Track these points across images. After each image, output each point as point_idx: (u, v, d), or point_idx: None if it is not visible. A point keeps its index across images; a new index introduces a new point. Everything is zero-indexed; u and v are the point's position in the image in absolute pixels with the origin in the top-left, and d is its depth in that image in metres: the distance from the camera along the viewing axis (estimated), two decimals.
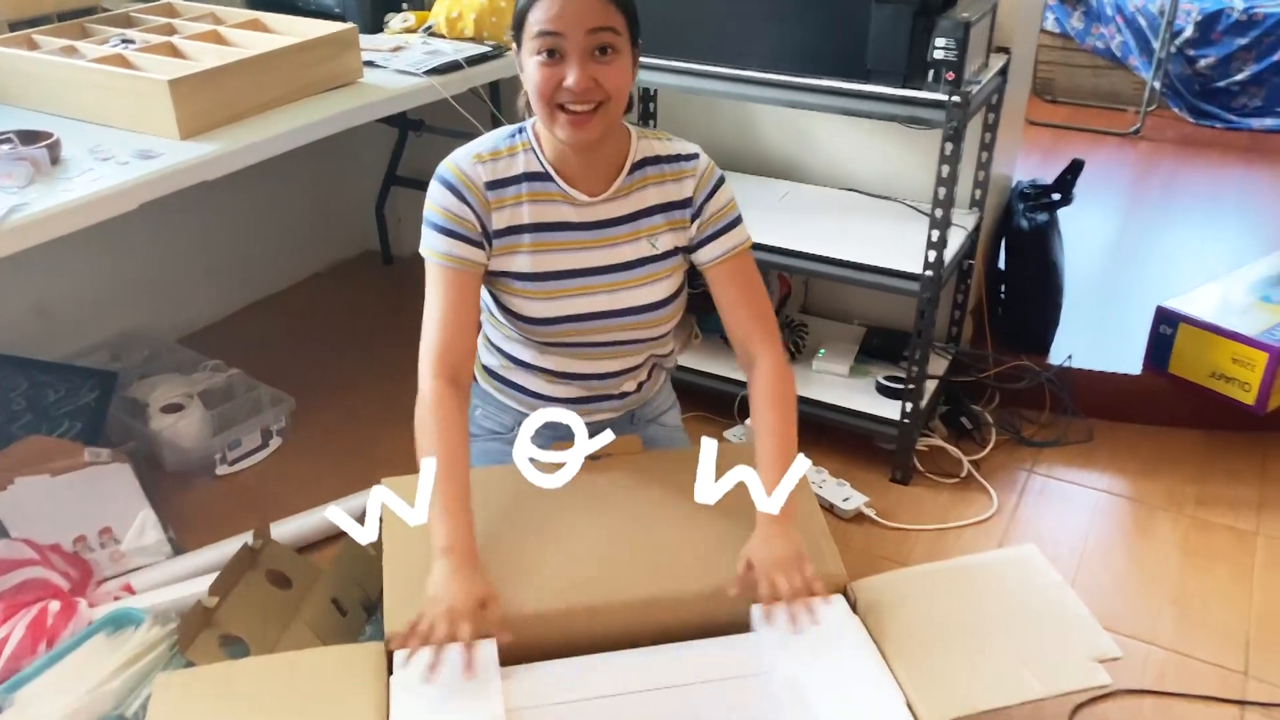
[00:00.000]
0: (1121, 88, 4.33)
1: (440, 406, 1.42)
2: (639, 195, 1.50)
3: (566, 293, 1.49)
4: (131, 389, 2.29)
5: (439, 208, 1.45)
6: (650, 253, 1.51)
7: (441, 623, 1.29)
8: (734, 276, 1.53)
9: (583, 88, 1.35)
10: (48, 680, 1.53)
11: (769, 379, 1.52)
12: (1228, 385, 2.28)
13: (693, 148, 1.54)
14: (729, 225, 1.53)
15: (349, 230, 3.19)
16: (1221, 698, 1.71)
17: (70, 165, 1.68)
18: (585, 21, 1.33)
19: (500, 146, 1.47)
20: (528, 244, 1.47)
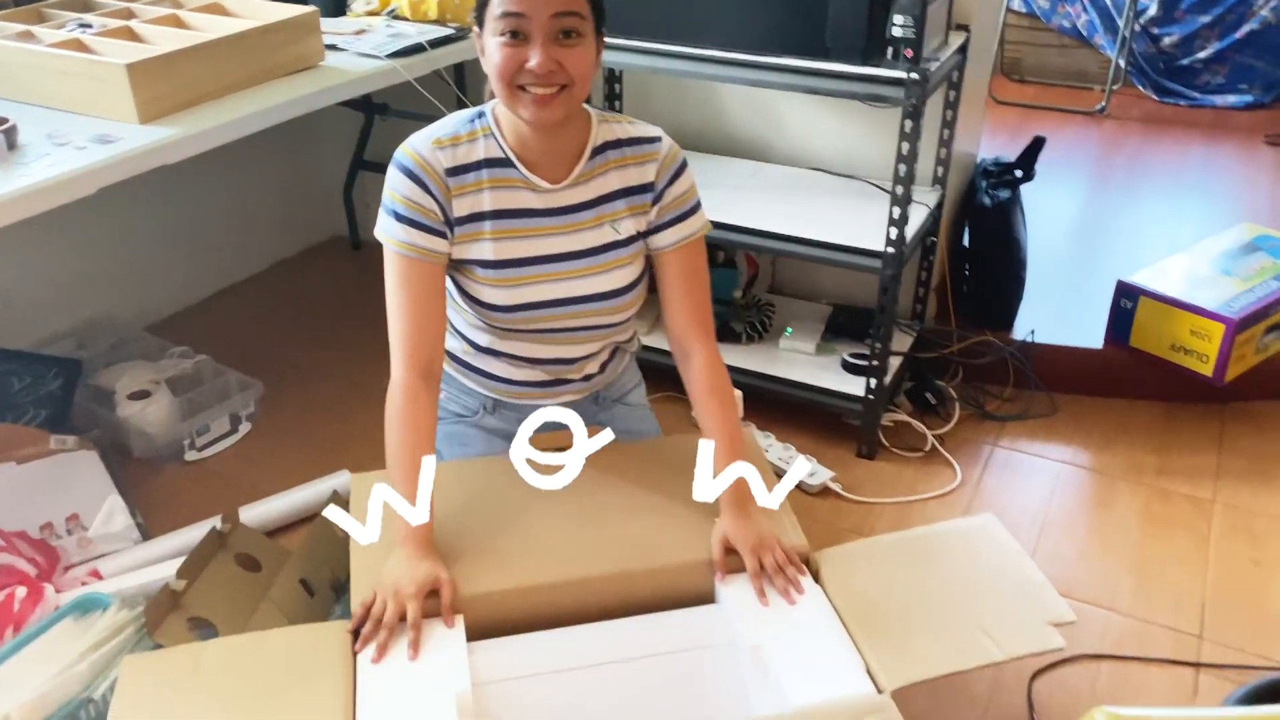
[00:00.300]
0: (1088, 66, 4.37)
1: (413, 402, 1.44)
2: (601, 180, 1.50)
3: (529, 280, 1.49)
4: (98, 376, 2.28)
5: (400, 196, 1.44)
6: (614, 238, 1.51)
7: (392, 602, 1.34)
8: (683, 266, 1.54)
9: (546, 70, 1.34)
10: (15, 664, 1.53)
11: (708, 373, 1.54)
12: (1187, 357, 2.32)
13: (655, 131, 1.53)
14: (687, 212, 1.54)
15: (317, 216, 3.18)
16: (1177, 660, 1.75)
17: (27, 150, 1.67)
18: (550, 4, 1.32)
19: (460, 131, 1.46)
20: (489, 231, 1.47)
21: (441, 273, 1.47)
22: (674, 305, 1.55)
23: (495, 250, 1.47)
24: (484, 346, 1.58)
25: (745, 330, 2.39)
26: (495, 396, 1.65)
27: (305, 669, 1.34)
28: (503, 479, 1.58)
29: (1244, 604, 1.86)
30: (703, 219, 1.55)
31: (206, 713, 1.28)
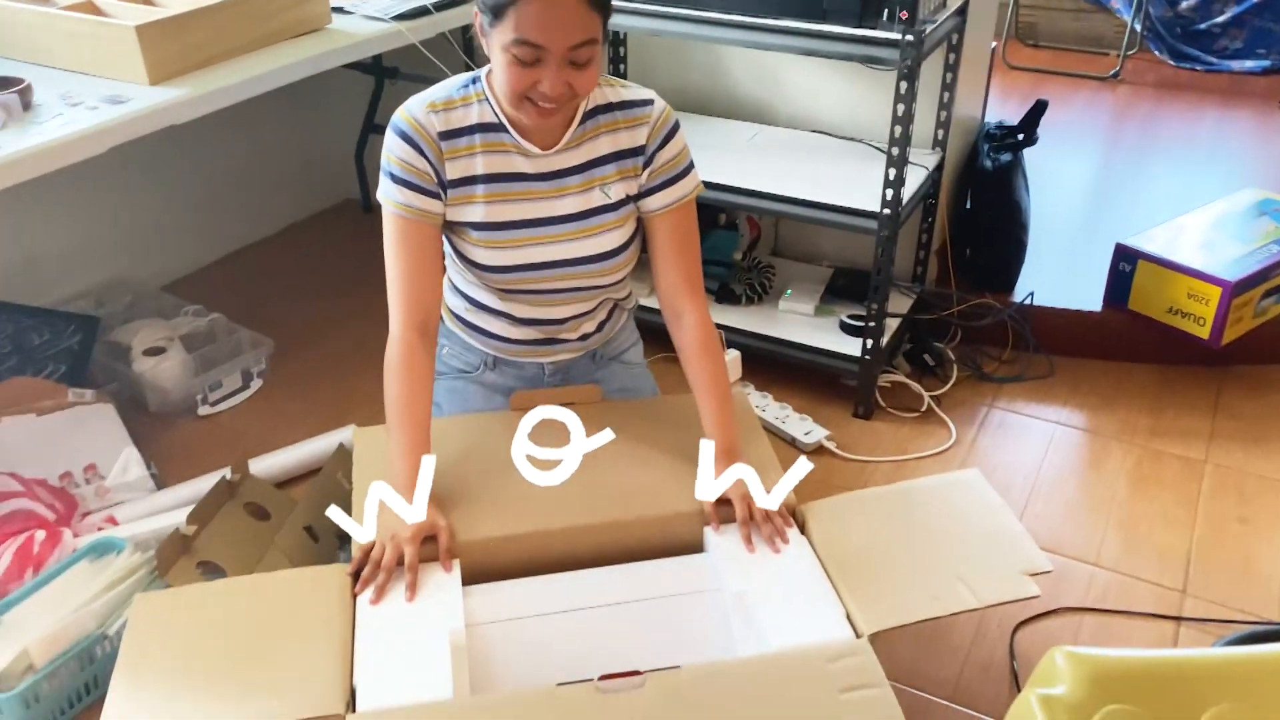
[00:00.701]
0: (1103, 31, 4.33)
1: (409, 357, 1.49)
2: (591, 144, 1.52)
3: (520, 242, 1.53)
4: (114, 333, 2.35)
5: (395, 158, 1.47)
6: (603, 202, 1.54)
7: (390, 546, 1.40)
8: (675, 228, 1.56)
9: (558, 94, 1.37)
10: (34, 603, 1.61)
11: (700, 332, 1.57)
12: (1184, 320, 2.34)
13: (647, 93, 1.55)
14: (679, 175, 1.55)
15: (329, 180, 3.23)
16: (1159, 614, 1.78)
17: (41, 110, 1.72)
18: (570, 37, 1.33)
19: (454, 96, 1.48)
20: (482, 195, 1.50)
21: (436, 233, 1.51)
22: (664, 266, 1.58)
23: (487, 213, 1.50)
24: (482, 304, 1.62)
25: (745, 292, 2.43)
26: (495, 354, 1.70)
27: (307, 608, 1.40)
28: (500, 432, 1.63)
29: (1229, 561, 1.90)
30: (694, 180, 1.57)
31: (213, 647, 1.34)
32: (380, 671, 1.31)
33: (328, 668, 1.31)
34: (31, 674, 1.51)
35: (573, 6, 1.32)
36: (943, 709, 1.62)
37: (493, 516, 1.51)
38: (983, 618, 1.77)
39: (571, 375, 1.74)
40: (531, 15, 1.31)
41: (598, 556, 1.52)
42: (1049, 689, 1.08)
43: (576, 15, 1.32)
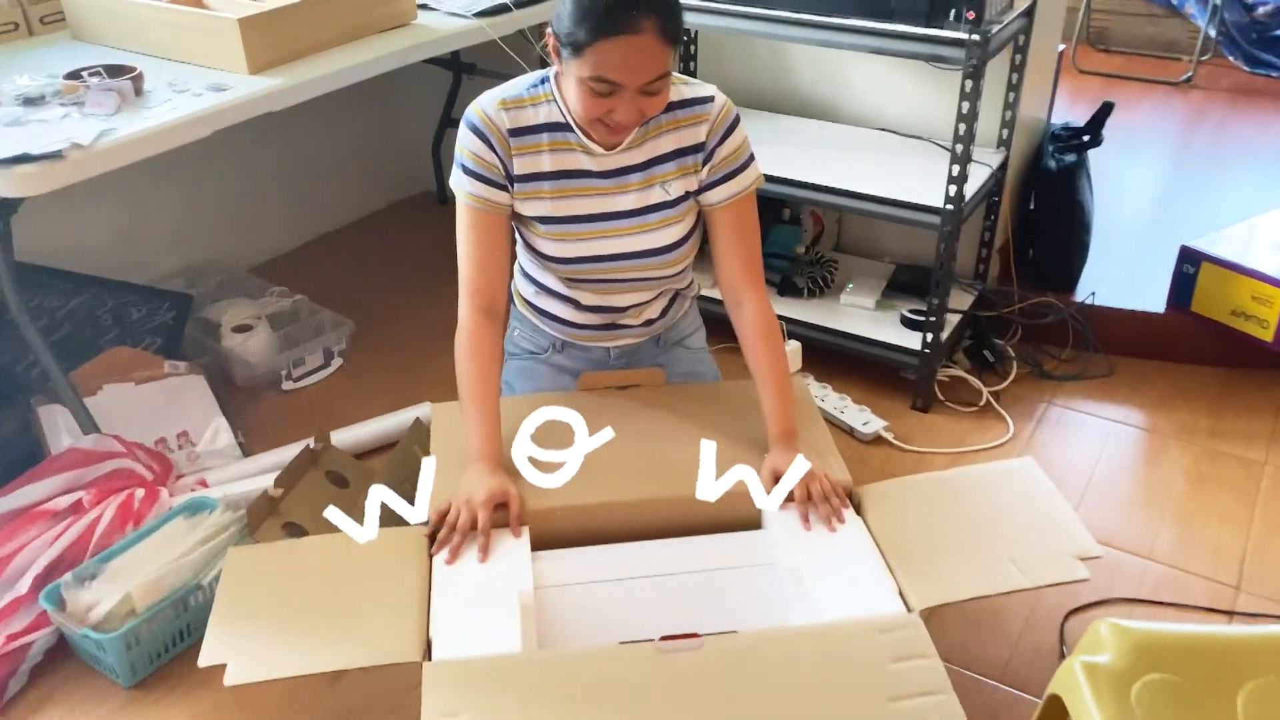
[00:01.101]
0: (1177, 36, 4.30)
1: (476, 337, 1.57)
2: (653, 143, 1.56)
3: (584, 235, 1.59)
4: (205, 311, 2.49)
5: (467, 150, 1.54)
6: (663, 198, 1.58)
7: (464, 511, 1.49)
8: (735, 220, 1.60)
9: (631, 121, 1.44)
10: (134, 554, 1.73)
11: (761, 319, 1.61)
12: (1247, 323, 2.34)
13: (708, 90, 1.57)
14: (739, 168, 1.58)
15: (407, 171, 3.36)
16: (1211, 608, 1.81)
17: (151, 96, 1.85)
18: (645, 75, 1.38)
19: (524, 95, 1.54)
20: (548, 190, 1.56)
21: (504, 222, 1.58)
22: (726, 257, 1.62)
23: (552, 208, 1.57)
24: (550, 290, 1.70)
25: (807, 285, 2.48)
26: (562, 337, 1.78)
27: (387, 566, 1.50)
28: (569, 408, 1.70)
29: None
30: (755, 173, 1.60)
31: (300, 598, 1.44)
32: (454, 626, 1.39)
33: (406, 620, 1.40)
34: (133, 617, 1.63)
35: (649, 46, 1.37)
36: (991, 689, 1.66)
37: (559, 488, 1.59)
38: (1034, 605, 1.81)
39: (636, 359, 1.81)
40: (609, 55, 1.36)
41: (659, 529, 1.58)
42: (1093, 656, 1.13)
43: (653, 54, 1.37)
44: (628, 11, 1.34)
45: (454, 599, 1.43)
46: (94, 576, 1.69)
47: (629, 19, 1.34)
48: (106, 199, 2.50)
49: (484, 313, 1.58)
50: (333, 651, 1.36)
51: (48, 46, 2.11)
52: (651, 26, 1.35)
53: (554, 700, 1.27)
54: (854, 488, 1.65)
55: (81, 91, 1.81)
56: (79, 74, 1.86)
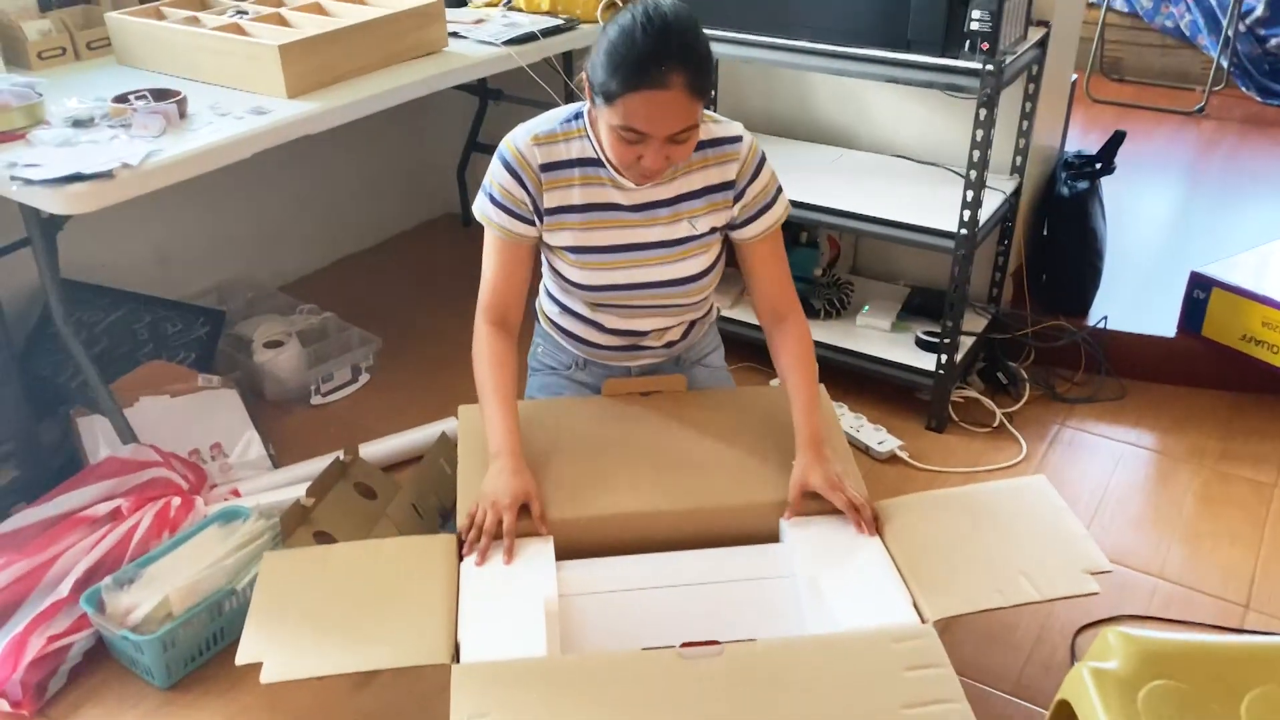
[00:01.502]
0: (1190, 67, 4.35)
1: (490, 342, 1.64)
2: (683, 180, 1.60)
3: (610, 265, 1.64)
4: (237, 327, 2.56)
5: (497, 184, 1.59)
6: (690, 233, 1.63)
7: (490, 512, 1.54)
8: (771, 251, 1.67)
9: (659, 167, 1.49)
10: (171, 560, 1.78)
11: (803, 334, 1.68)
12: (1258, 348, 2.38)
13: (736, 129, 1.62)
14: (769, 204, 1.64)
15: (433, 193, 3.44)
16: (1220, 625, 1.84)
17: (195, 119, 1.92)
18: (673, 127, 1.43)
19: (557, 130, 1.58)
20: (576, 222, 1.60)
21: (527, 251, 1.64)
22: (764, 284, 1.68)
23: (580, 238, 1.62)
24: (574, 312, 1.75)
25: (824, 306, 2.54)
26: (584, 356, 1.83)
27: (416, 572, 1.54)
28: (590, 419, 1.75)
29: None
30: (783, 205, 1.66)
31: (333, 601, 1.49)
32: (481, 630, 1.44)
33: (435, 624, 1.45)
34: (170, 620, 1.69)
35: (677, 101, 1.41)
36: (1003, 701, 1.70)
37: (581, 498, 1.64)
38: (1046, 621, 1.85)
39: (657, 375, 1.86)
40: (638, 108, 1.41)
41: (679, 541, 1.62)
42: (1101, 663, 1.17)
43: (680, 107, 1.42)
44: (658, 67, 1.39)
45: (481, 604, 1.48)
46: (132, 581, 1.74)
47: (659, 75, 1.39)
48: (144, 219, 2.58)
49: (497, 325, 1.65)
50: (364, 653, 1.41)
51: (95, 71, 2.20)
52: (680, 82, 1.40)
53: (578, 702, 1.31)
54: (870, 502, 1.70)
55: (129, 114, 1.88)
56: (126, 97, 1.94)
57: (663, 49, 1.39)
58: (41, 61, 2.20)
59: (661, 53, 1.39)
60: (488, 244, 1.64)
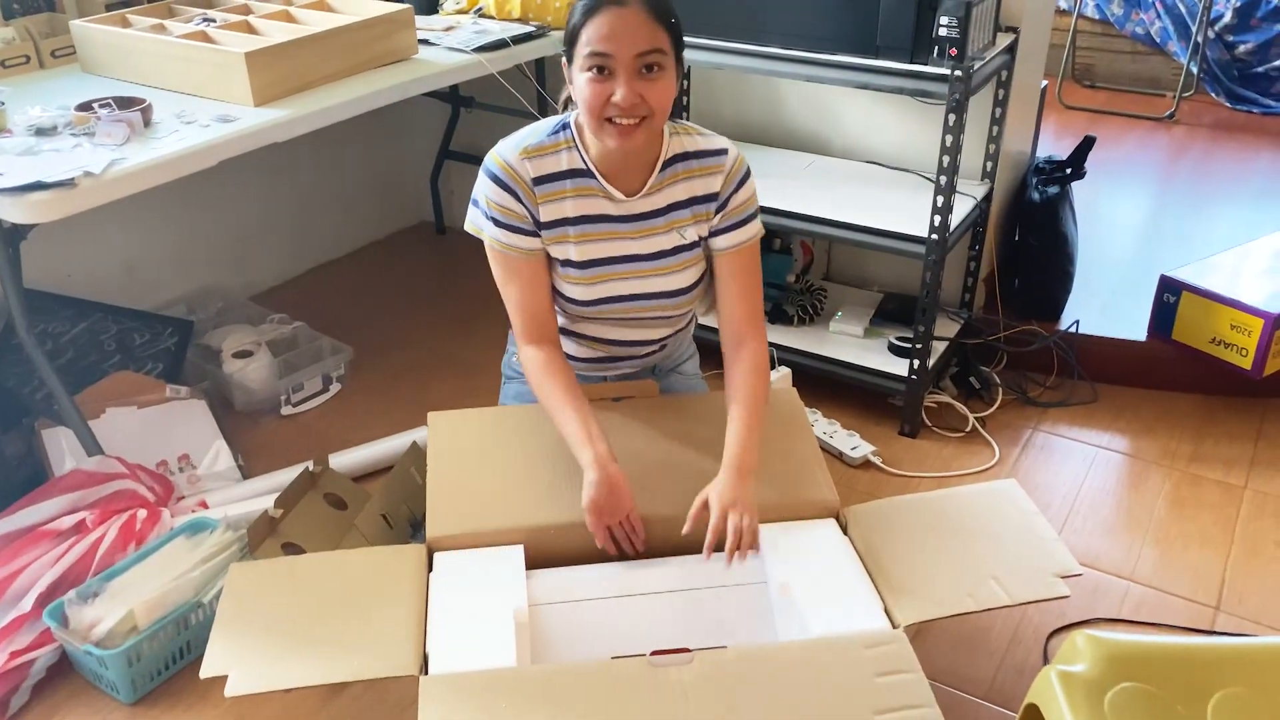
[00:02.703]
0: (1160, 73, 4.40)
1: (541, 361, 1.62)
2: (670, 190, 1.61)
3: (608, 277, 1.63)
4: (206, 337, 2.53)
5: (493, 203, 1.57)
6: (680, 243, 1.64)
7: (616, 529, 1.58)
8: (741, 267, 1.65)
9: (630, 103, 1.45)
10: (136, 573, 1.76)
11: (758, 359, 1.64)
12: (1227, 351, 2.39)
13: (722, 143, 1.63)
14: (747, 219, 1.64)
15: (406, 202, 3.42)
16: (1191, 628, 1.84)
17: (160, 127, 1.90)
18: (635, 44, 1.44)
19: (545, 142, 1.58)
20: (574, 235, 1.60)
21: (541, 262, 1.61)
22: (729, 301, 1.65)
23: (579, 252, 1.60)
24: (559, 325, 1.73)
25: (797, 313, 2.54)
26: None
27: (385, 581, 1.53)
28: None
29: (1264, 581, 1.95)
30: (758, 226, 1.65)
31: (300, 613, 1.48)
32: (450, 641, 1.43)
33: (403, 635, 1.44)
34: (135, 634, 1.66)
35: (637, 17, 1.43)
36: (976, 706, 1.70)
37: (553, 504, 1.63)
38: (1019, 625, 1.85)
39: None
40: (599, 27, 1.43)
41: (650, 548, 1.62)
42: (1069, 666, 1.17)
43: (642, 25, 1.44)
44: None
45: (450, 615, 1.47)
46: (97, 594, 1.72)
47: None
48: (111, 228, 2.55)
49: (538, 342, 1.64)
50: (332, 665, 1.39)
51: (59, 79, 2.18)
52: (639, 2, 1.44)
53: (548, 712, 1.30)
54: (840, 507, 1.70)
55: (92, 122, 1.86)
56: (90, 105, 1.92)
57: None
58: (5, 70, 2.17)
59: None
60: (499, 266, 1.62)
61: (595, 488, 1.53)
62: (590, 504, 1.53)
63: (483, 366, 1.71)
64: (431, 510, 1.64)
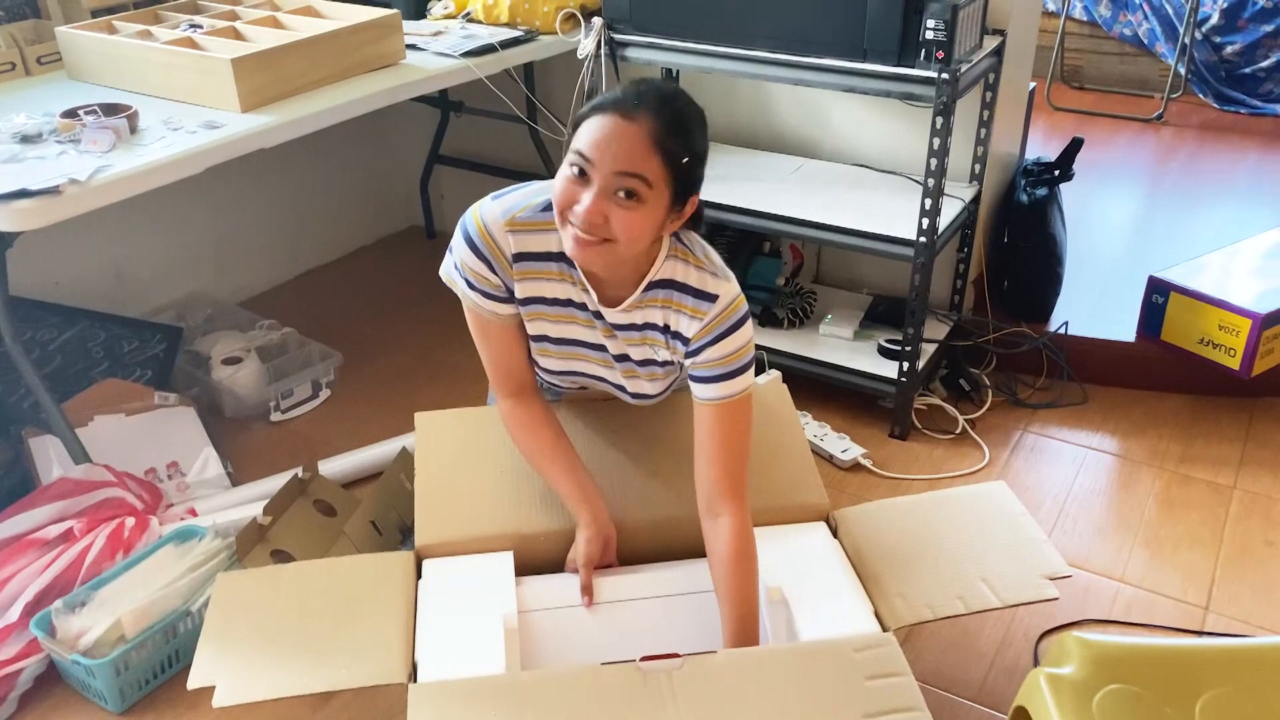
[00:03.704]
0: (1148, 74, 4.41)
1: (519, 413, 1.61)
2: (648, 311, 1.49)
3: (581, 357, 1.59)
4: (195, 343, 2.53)
5: (467, 265, 1.48)
6: (652, 357, 1.55)
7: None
8: (721, 424, 1.47)
9: (589, 222, 1.33)
10: (124, 581, 1.75)
11: (738, 541, 1.46)
12: (1215, 351, 2.40)
13: (717, 287, 1.45)
14: (730, 373, 1.46)
15: (396, 207, 3.41)
16: (1181, 628, 1.85)
17: (146, 134, 1.90)
18: (617, 161, 1.31)
19: (535, 219, 1.45)
20: (550, 315, 1.53)
21: (515, 324, 1.55)
22: (705, 460, 1.49)
23: (554, 329, 1.55)
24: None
25: (787, 316, 2.54)
26: None
27: (374, 591, 1.53)
28: None
29: (1253, 581, 1.95)
30: (747, 382, 1.47)
31: (288, 621, 1.47)
32: (439, 648, 1.43)
33: (392, 643, 1.43)
34: (123, 644, 1.65)
35: (635, 136, 1.31)
36: (966, 708, 1.70)
37: (539, 512, 1.63)
38: (1009, 626, 1.85)
39: None
40: (594, 129, 1.33)
41: (638, 554, 1.62)
42: (1057, 668, 1.17)
43: (636, 146, 1.31)
44: (630, 100, 1.33)
45: (439, 622, 1.47)
46: (84, 603, 1.71)
47: (628, 105, 1.32)
48: (99, 235, 2.54)
49: (517, 396, 1.61)
50: (320, 673, 1.39)
51: (45, 86, 2.17)
52: (646, 122, 1.31)
53: (537, 719, 1.30)
54: (830, 510, 1.70)
55: (78, 129, 1.86)
56: (75, 112, 1.91)
57: (642, 91, 1.35)
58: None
59: (639, 93, 1.34)
60: (473, 322, 1.56)
61: (591, 544, 1.54)
62: (586, 559, 1.54)
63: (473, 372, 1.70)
64: (420, 517, 1.64)
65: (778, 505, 1.65)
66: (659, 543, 1.64)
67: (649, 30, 2.32)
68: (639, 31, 2.33)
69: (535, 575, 1.58)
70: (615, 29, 2.36)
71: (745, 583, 1.46)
